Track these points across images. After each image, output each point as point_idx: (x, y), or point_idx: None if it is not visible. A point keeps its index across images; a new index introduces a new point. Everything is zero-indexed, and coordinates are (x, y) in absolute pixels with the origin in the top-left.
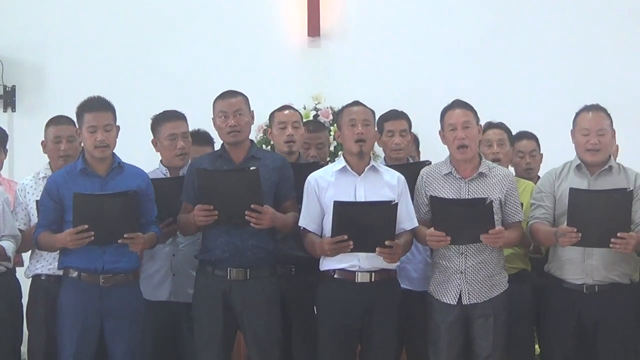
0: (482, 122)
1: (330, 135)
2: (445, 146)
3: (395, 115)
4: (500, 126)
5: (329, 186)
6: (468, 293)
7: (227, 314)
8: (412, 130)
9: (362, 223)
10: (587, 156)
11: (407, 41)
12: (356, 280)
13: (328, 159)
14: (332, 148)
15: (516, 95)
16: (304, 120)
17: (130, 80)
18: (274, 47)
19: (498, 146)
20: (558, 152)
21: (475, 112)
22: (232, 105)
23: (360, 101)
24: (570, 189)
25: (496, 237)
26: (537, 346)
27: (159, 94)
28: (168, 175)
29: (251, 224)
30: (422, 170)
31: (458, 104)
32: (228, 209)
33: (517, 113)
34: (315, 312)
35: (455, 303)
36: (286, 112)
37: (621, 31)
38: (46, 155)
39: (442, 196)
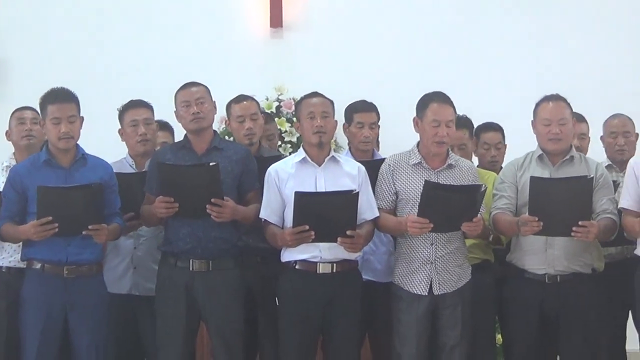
0: None
1: (292, 126)
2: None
3: (366, 107)
4: (463, 124)
5: (289, 178)
6: (438, 283)
7: (190, 305)
8: None
9: (324, 213)
10: (549, 145)
11: (370, 32)
12: (317, 272)
13: (291, 150)
14: (294, 139)
15: (482, 84)
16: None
17: (93, 72)
18: (236, 38)
19: (459, 150)
20: (522, 141)
21: (455, 110)
22: (193, 93)
23: (319, 92)
24: (531, 177)
25: (477, 226)
26: (499, 336)
27: (122, 85)
28: (134, 165)
29: (212, 217)
30: (388, 158)
31: (443, 98)
32: (189, 202)
33: (482, 102)
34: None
35: (427, 293)
36: (243, 103)
37: (586, 23)
38: (10, 144)
39: (412, 187)
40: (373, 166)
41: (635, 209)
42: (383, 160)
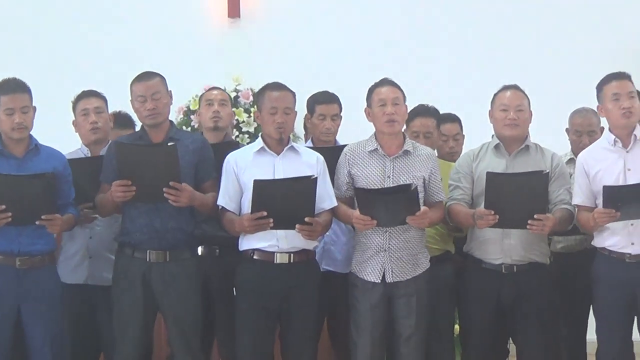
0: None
1: (250, 117)
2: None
3: (328, 99)
4: (432, 113)
5: (247, 165)
6: (392, 271)
7: (147, 296)
8: None
9: (282, 200)
10: (505, 131)
11: (328, 22)
12: (275, 262)
13: (248, 140)
14: (252, 129)
15: (442, 75)
16: None
17: (49, 61)
18: (194, 28)
19: (424, 138)
20: (481, 133)
21: (403, 92)
22: (149, 88)
23: (282, 83)
24: (487, 172)
25: (422, 219)
26: (457, 326)
27: (78, 74)
28: (89, 155)
29: (169, 201)
30: (346, 147)
31: (387, 81)
32: (146, 185)
33: (438, 93)
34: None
35: (379, 281)
36: (214, 91)
37: (538, 15)
38: None
39: (367, 173)
40: (333, 152)
41: (588, 205)
42: (343, 146)
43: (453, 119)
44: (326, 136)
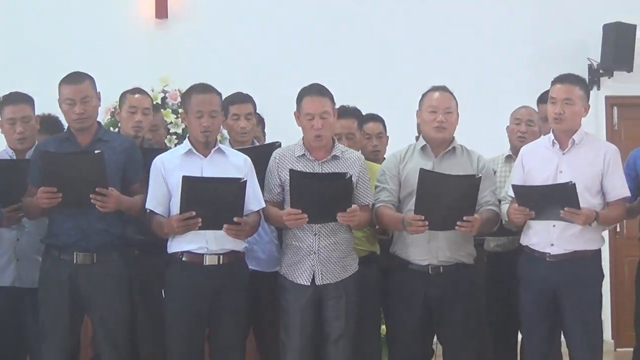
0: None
1: (178, 118)
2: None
3: (241, 98)
4: (352, 113)
5: (175, 168)
6: (321, 273)
7: (74, 298)
8: (262, 111)
9: (211, 200)
10: (434, 133)
11: (257, 22)
12: (204, 263)
13: (176, 141)
14: (180, 130)
15: (367, 75)
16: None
17: None
18: (121, 29)
19: (347, 139)
20: (405, 135)
21: (332, 98)
22: (78, 91)
23: (208, 84)
24: (420, 169)
25: (352, 216)
26: (383, 326)
27: (3, 74)
28: (15, 157)
29: (96, 207)
30: (275, 151)
31: (317, 90)
32: (72, 192)
33: (366, 94)
34: (164, 295)
35: (309, 283)
36: (137, 96)
37: (472, 14)
38: None
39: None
40: (255, 152)
41: None
42: (265, 145)
43: (376, 118)
44: (242, 136)
